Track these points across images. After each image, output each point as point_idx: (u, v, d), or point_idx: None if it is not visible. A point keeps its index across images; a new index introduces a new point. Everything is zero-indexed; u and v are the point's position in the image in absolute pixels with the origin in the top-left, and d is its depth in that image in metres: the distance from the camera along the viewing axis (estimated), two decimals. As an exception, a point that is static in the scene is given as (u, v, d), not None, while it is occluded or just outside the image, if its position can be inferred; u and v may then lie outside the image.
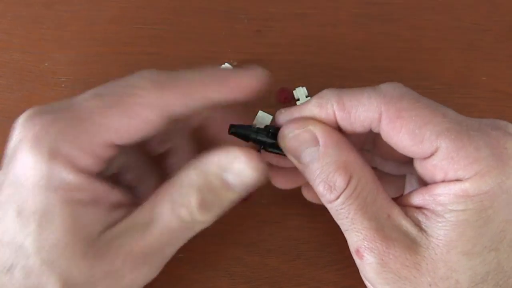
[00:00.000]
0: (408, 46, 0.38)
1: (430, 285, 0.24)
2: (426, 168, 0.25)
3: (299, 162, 0.27)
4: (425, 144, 0.24)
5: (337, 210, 0.26)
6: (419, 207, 0.25)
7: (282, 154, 0.28)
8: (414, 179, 0.30)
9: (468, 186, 0.23)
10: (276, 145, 0.28)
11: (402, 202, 0.26)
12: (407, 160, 0.26)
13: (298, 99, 0.36)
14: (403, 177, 0.31)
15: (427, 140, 0.24)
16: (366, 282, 0.27)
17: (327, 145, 0.26)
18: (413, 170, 0.27)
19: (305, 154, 0.26)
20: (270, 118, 0.36)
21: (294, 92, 0.36)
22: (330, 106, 0.26)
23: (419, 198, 0.25)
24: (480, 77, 0.37)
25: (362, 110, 0.25)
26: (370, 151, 0.31)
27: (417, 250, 0.24)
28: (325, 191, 0.26)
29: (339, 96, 0.26)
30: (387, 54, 0.38)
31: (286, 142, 0.27)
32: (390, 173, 0.31)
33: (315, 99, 0.26)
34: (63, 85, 0.37)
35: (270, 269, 0.33)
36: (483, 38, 0.38)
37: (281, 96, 0.37)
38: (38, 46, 0.38)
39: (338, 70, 0.37)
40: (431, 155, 0.24)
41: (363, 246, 0.25)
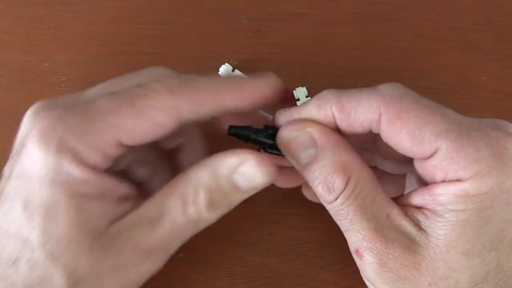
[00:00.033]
0: (408, 46, 0.38)
1: (430, 284, 0.24)
2: (426, 168, 0.25)
3: (298, 164, 0.27)
4: (425, 145, 0.24)
5: (336, 211, 0.26)
6: (419, 207, 0.25)
7: (282, 154, 0.28)
8: (414, 178, 0.30)
9: (468, 186, 0.23)
10: (275, 146, 0.28)
11: (401, 202, 0.27)
12: (407, 159, 0.26)
13: (298, 99, 0.36)
14: (403, 176, 0.31)
15: (427, 141, 0.24)
16: (366, 281, 0.27)
17: (325, 146, 0.26)
18: (413, 169, 0.27)
19: (303, 156, 0.26)
20: (270, 118, 0.36)
21: (294, 92, 0.36)
22: (329, 107, 0.26)
23: (419, 198, 0.25)
24: (480, 77, 0.37)
25: (362, 112, 0.25)
26: (370, 150, 0.31)
27: (416, 250, 0.24)
28: (324, 192, 0.26)
29: (338, 97, 0.26)
30: (387, 54, 0.38)
31: (284, 145, 0.27)
32: (390, 172, 0.31)
33: (314, 101, 0.26)
34: (63, 85, 0.37)
35: (270, 269, 0.33)
36: (483, 38, 0.38)
37: (281, 96, 0.37)
38: (38, 46, 0.37)
39: (338, 70, 0.37)
40: (431, 156, 0.24)
41: (363, 246, 0.25)
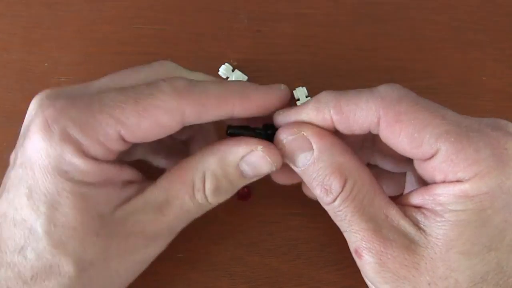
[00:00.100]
0: (408, 46, 0.38)
1: (429, 284, 0.24)
2: (425, 169, 0.25)
3: (295, 167, 0.27)
4: (424, 147, 0.24)
5: (334, 212, 0.26)
6: (418, 207, 0.25)
7: None
8: (414, 177, 0.30)
9: (468, 187, 0.23)
10: None
11: (401, 201, 0.27)
12: (408, 158, 0.26)
13: (298, 99, 0.36)
14: (404, 174, 0.31)
15: (427, 143, 0.24)
16: (366, 281, 0.27)
17: (321, 149, 0.26)
18: (413, 168, 0.27)
19: (300, 159, 0.26)
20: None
21: (294, 92, 0.36)
22: (327, 110, 0.26)
23: (418, 198, 0.25)
24: (480, 77, 0.37)
25: (360, 115, 0.25)
26: (370, 149, 0.31)
27: (415, 250, 0.24)
28: (321, 194, 0.26)
29: (337, 99, 0.26)
30: (387, 54, 0.38)
31: (281, 148, 0.27)
32: (390, 170, 0.32)
33: (312, 103, 0.26)
34: (63, 85, 0.37)
35: (270, 269, 0.33)
36: (483, 38, 0.38)
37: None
38: (38, 46, 0.37)
39: (338, 70, 0.37)
40: (431, 157, 0.24)
41: (362, 246, 0.25)
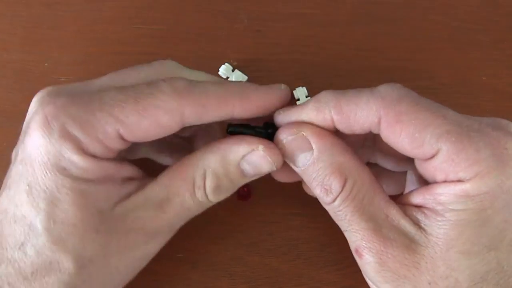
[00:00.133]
0: (408, 46, 0.38)
1: (429, 283, 0.24)
2: (426, 169, 0.25)
3: (295, 167, 0.27)
4: (425, 147, 0.24)
5: (335, 212, 0.26)
6: (419, 206, 0.25)
7: None
8: (415, 177, 0.30)
9: (468, 187, 0.23)
10: None
11: (401, 201, 0.27)
12: (408, 157, 0.26)
13: (298, 99, 0.36)
14: (404, 173, 0.31)
15: (427, 143, 0.24)
16: (367, 280, 0.27)
17: (321, 149, 0.26)
18: (414, 167, 0.27)
19: (300, 159, 0.26)
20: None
21: (294, 92, 0.36)
22: (327, 111, 0.26)
23: (419, 197, 0.25)
24: (480, 77, 0.37)
25: (361, 115, 0.25)
26: (371, 147, 0.31)
27: (416, 249, 0.24)
28: (322, 194, 0.26)
29: (337, 99, 0.26)
30: (387, 54, 0.38)
31: (281, 148, 0.27)
32: (391, 169, 0.32)
33: (312, 103, 0.26)
34: (65, 84, 0.37)
35: (270, 269, 0.33)
36: (483, 38, 0.38)
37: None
38: (38, 46, 0.37)
39: (338, 70, 0.37)
40: (432, 157, 0.24)
41: (362, 246, 0.25)
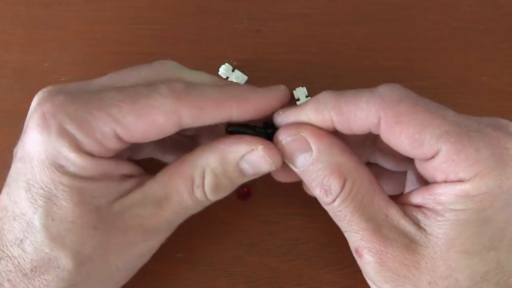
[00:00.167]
0: (408, 46, 0.38)
1: (429, 283, 0.24)
2: (426, 169, 0.25)
3: (295, 167, 0.27)
4: (425, 147, 0.24)
5: (334, 212, 0.26)
6: (419, 206, 0.25)
7: None
8: (415, 176, 0.30)
9: (468, 187, 0.23)
10: None
11: (401, 200, 0.27)
12: (408, 157, 0.26)
13: (298, 99, 0.36)
14: (405, 173, 0.31)
15: (427, 144, 0.24)
16: (367, 280, 0.27)
17: (320, 150, 0.26)
18: (414, 167, 0.27)
19: (299, 160, 0.26)
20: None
21: (294, 92, 0.36)
22: (327, 112, 0.26)
23: (419, 197, 0.25)
24: (480, 77, 0.37)
25: (361, 116, 0.25)
26: (371, 147, 0.31)
27: (416, 249, 0.24)
28: (321, 194, 0.26)
29: (337, 100, 0.26)
30: (387, 54, 0.38)
31: (280, 148, 0.27)
32: (391, 169, 0.32)
33: (312, 104, 0.26)
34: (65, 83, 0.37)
35: (270, 269, 0.33)
36: (483, 38, 0.38)
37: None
38: (38, 46, 0.37)
39: (338, 70, 0.37)
40: (432, 158, 0.24)
41: (362, 246, 0.25)
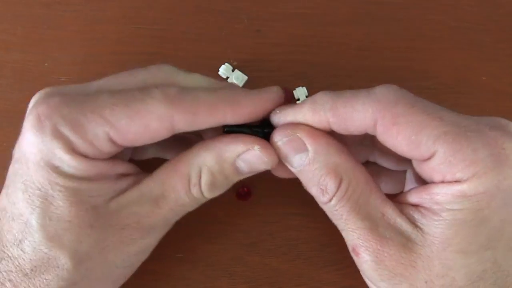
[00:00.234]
0: (408, 46, 0.38)
1: (426, 282, 0.24)
2: (424, 169, 0.25)
3: (291, 167, 0.27)
4: (422, 148, 0.24)
5: (331, 211, 0.26)
6: (416, 205, 0.26)
7: None
8: (413, 176, 0.30)
9: (465, 187, 0.23)
10: None
11: (398, 200, 0.27)
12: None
13: (298, 99, 0.36)
14: (404, 172, 0.31)
15: (424, 145, 0.24)
16: (365, 278, 0.27)
17: (316, 150, 0.26)
18: (412, 167, 0.27)
19: (295, 160, 0.27)
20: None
21: (294, 92, 0.36)
22: (323, 113, 0.26)
23: (416, 197, 0.26)
24: (480, 77, 0.37)
25: (357, 117, 0.25)
26: (369, 146, 0.31)
27: (412, 248, 0.24)
28: (318, 194, 0.26)
29: (333, 101, 0.26)
30: (387, 54, 0.38)
31: (276, 149, 0.27)
32: (390, 168, 0.32)
33: (309, 104, 0.26)
34: (63, 85, 0.37)
35: (270, 269, 0.33)
36: (483, 38, 0.38)
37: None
38: (38, 46, 0.38)
39: (338, 70, 0.37)
40: (429, 158, 0.24)
41: (358, 245, 0.25)
